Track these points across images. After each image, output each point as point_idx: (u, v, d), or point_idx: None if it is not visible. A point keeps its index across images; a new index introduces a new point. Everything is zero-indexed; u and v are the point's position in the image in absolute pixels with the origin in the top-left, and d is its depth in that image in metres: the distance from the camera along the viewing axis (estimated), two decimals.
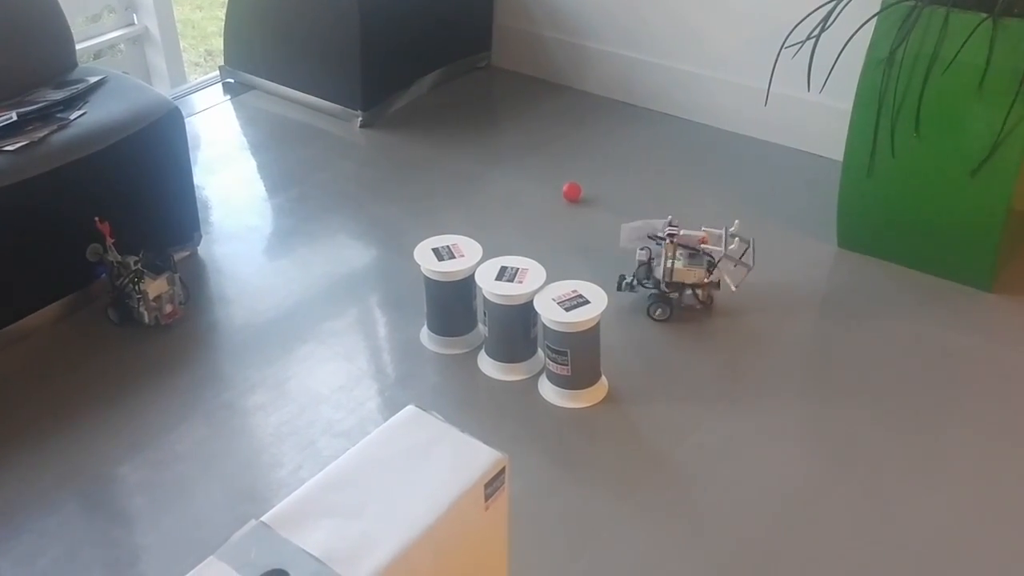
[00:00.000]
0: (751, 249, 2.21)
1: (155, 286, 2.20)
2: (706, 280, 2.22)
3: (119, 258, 2.20)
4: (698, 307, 2.27)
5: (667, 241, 2.19)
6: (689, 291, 2.26)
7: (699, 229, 2.24)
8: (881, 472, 1.88)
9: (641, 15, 3.11)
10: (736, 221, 2.26)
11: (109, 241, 2.21)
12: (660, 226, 2.24)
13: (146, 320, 2.22)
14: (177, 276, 2.25)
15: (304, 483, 1.11)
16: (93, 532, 1.77)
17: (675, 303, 2.26)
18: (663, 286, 2.23)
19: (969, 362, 2.15)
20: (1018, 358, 2.16)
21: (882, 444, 1.95)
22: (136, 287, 2.19)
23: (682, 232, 2.21)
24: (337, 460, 1.14)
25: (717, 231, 2.24)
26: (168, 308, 2.24)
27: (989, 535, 1.76)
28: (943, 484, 1.86)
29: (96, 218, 2.19)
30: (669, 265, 2.20)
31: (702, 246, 2.21)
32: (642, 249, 2.25)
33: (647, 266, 2.25)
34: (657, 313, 2.26)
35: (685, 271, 2.21)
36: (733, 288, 2.21)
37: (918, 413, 2.02)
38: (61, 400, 2.05)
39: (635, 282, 2.27)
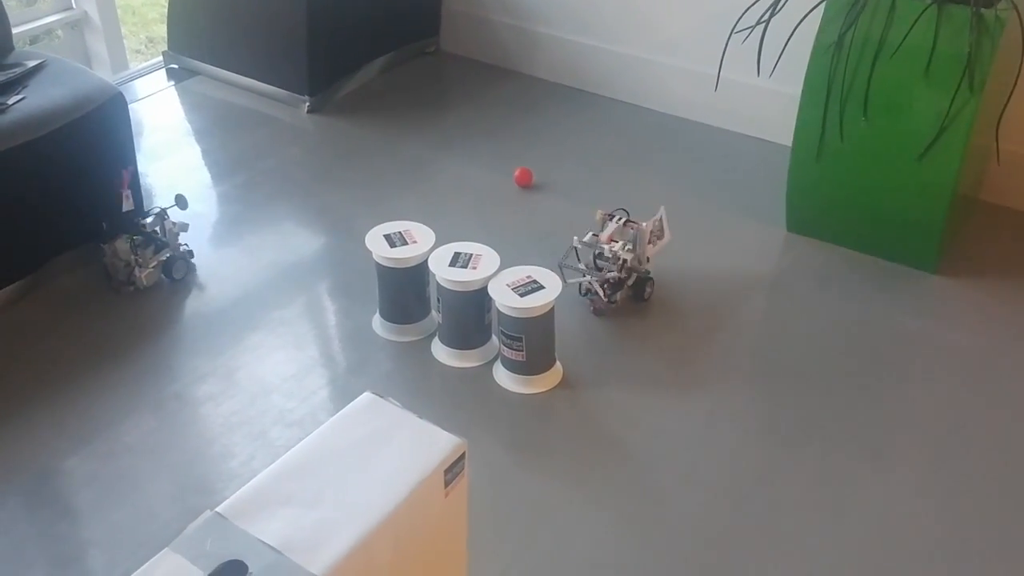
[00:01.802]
0: (663, 219, 2.22)
1: (119, 247, 2.23)
2: (626, 261, 2.21)
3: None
4: (614, 281, 2.23)
5: (604, 214, 2.20)
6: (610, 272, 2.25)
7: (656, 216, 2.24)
8: (832, 453, 1.91)
9: (591, 0, 3.11)
10: (662, 207, 2.27)
11: (124, 192, 2.24)
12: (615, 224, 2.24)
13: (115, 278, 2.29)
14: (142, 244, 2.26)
15: (256, 473, 1.09)
16: (38, 527, 1.73)
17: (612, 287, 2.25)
18: (593, 261, 2.24)
19: (916, 343, 2.18)
20: (963, 338, 2.20)
21: (833, 427, 1.97)
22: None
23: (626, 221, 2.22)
24: (293, 448, 1.12)
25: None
26: (120, 277, 2.27)
27: (939, 514, 1.79)
28: (894, 464, 1.89)
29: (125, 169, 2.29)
30: (599, 238, 2.21)
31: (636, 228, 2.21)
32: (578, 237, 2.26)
33: (576, 250, 2.26)
34: (593, 296, 2.24)
35: (608, 249, 2.21)
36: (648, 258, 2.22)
37: (867, 394, 2.04)
38: (2, 391, 2.00)
39: (566, 264, 2.26)
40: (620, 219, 2.22)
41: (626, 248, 2.18)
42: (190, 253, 2.37)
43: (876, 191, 2.34)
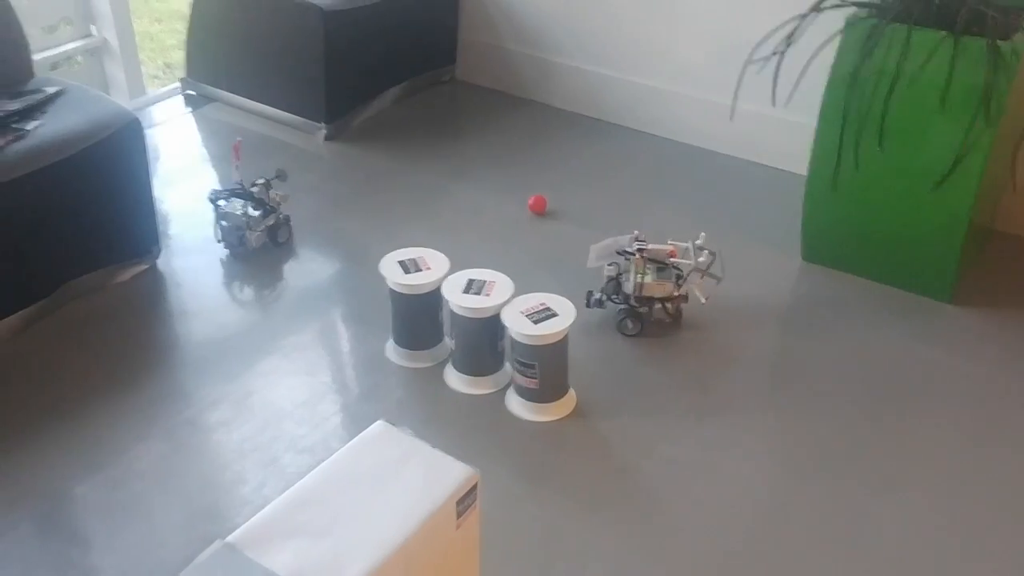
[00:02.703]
0: (718, 260, 2.21)
1: (231, 211, 2.48)
2: (675, 293, 2.22)
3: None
4: (668, 320, 2.27)
5: (636, 256, 2.19)
6: (658, 305, 2.25)
7: (666, 243, 2.24)
8: (848, 483, 1.89)
9: (606, 30, 3.12)
10: (702, 233, 2.26)
11: (235, 162, 2.45)
12: (627, 242, 2.24)
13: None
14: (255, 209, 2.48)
15: (268, 501, 1.09)
16: (48, 554, 1.72)
17: (645, 317, 2.26)
18: (633, 301, 2.23)
19: (931, 372, 2.16)
20: (978, 368, 2.18)
21: (848, 456, 1.95)
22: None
23: (650, 246, 2.21)
24: (305, 477, 1.12)
25: (684, 244, 2.25)
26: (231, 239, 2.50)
27: (954, 543, 1.76)
28: (909, 493, 1.86)
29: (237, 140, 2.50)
30: (639, 280, 2.20)
31: (670, 260, 2.21)
32: (610, 265, 2.25)
33: (615, 281, 2.25)
34: (628, 328, 2.25)
35: (655, 285, 2.20)
36: (703, 300, 2.21)
37: (883, 424, 2.03)
38: (16, 416, 2.00)
39: (604, 298, 2.26)
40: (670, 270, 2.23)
41: (672, 280, 2.22)
42: (287, 218, 2.56)
43: (891, 221, 2.33)
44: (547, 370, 1.99)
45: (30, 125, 2.17)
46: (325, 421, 2.01)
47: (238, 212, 2.48)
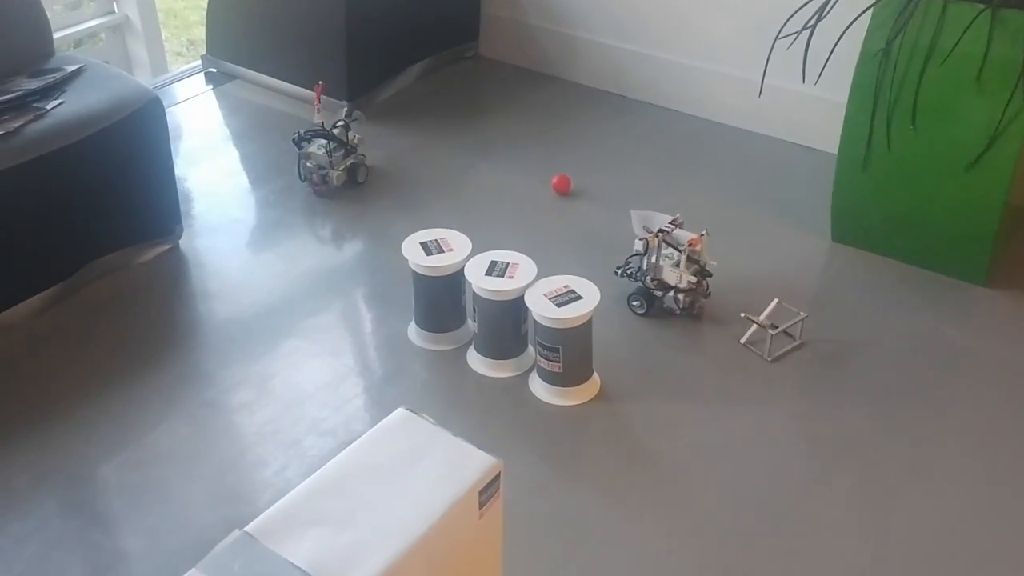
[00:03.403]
0: (801, 324, 2.15)
1: (313, 152, 2.64)
2: (692, 286, 2.17)
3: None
4: (677, 313, 2.22)
5: (650, 235, 2.15)
6: (672, 293, 2.20)
7: (702, 232, 2.17)
8: (878, 470, 1.85)
9: (632, 4, 3.07)
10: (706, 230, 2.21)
11: (317, 104, 2.60)
12: (660, 220, 2.20)
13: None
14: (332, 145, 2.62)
15: (290, 483, 1.07)
16: (71, 535, 1.72)
17: (656, 301, 2.22)
18: (648, 280, 2.19)
19: (965, 357, 2.12)
20: (1014, 352, 2.13)
21: (879, 441, 1.91)
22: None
23: (676, 231, 2.17)
24: (324, 466, 1.09)
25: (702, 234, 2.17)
26: (314, 178, 2.65)
27: (987, 535, 1.73)
28: (940, 481, 1.83)
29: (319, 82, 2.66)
30: (654, 261, 2.16)
31: (690, 248, 2.14)
32: (640, 239, 2.20)
33: (640, 257, 2.21)
34: (634, 305, 2.21)
35: (669, 271, 2.16)
36: (768, 359, 2.12)
37: (914, 409, 1.99)
38: (37, 397, 2.00)
39: (629, 271, 2.23)
40: (682, 251, 2.16)
41: (691, 273, 2.15)
42: (364, 157, 2.70)
43: (924, 202, 2.28)
44: (571, 354, 1.96)
45: (50, 104, 2.15)
46: (347, 403, 2.00)
47: (321, 152, 2.62)
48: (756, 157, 2.86)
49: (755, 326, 2.14)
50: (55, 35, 2.46)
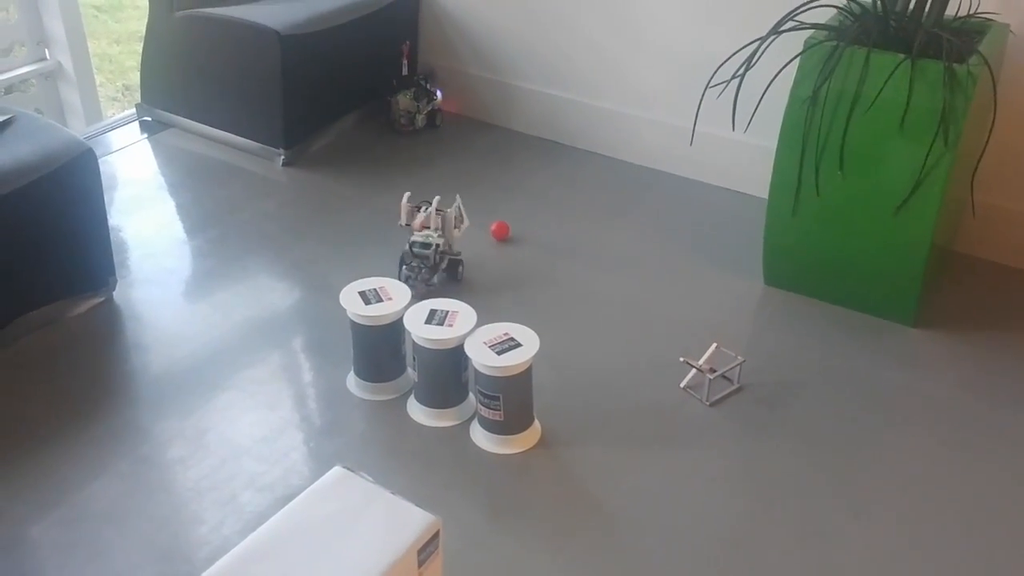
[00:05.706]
0: (739, 368, 2.18)
1: (402, 100, 3.14)
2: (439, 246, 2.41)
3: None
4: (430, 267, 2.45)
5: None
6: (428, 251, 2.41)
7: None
8: (817, 508, 1.88)
9: (566, 54, 3.11)
10: (437, 197, 2.45)
11: (404, 61, 3.14)
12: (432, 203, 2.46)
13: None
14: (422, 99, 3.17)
15: (227, 540, 1.05)
16: None
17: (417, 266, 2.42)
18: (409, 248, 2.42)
19: (896, 396, 2.16)
20: (942, 390, 2.18)
21: (816, 482, 1.94)
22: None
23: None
24: (258, 529, 1.08)
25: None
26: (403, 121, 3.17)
27: (925, 567, 1.76)
28: (877, 519, 1.86)
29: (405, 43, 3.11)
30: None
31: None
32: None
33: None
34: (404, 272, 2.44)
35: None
36: (707, 403, 2.15)
37: (850, 449, 2.02)
38: None
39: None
40: (426, 209, 2.43)
41: (437, 234, 2.41)
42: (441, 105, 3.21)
43: (853, 245, 2.34)
44: (511, 402, 1.96)
45: None
46: (285, 457, 1.98)
47: (407, 99, 3.16)
48: (690, 202, 2.90)
49: (694, 370, 2.17)
50: None
